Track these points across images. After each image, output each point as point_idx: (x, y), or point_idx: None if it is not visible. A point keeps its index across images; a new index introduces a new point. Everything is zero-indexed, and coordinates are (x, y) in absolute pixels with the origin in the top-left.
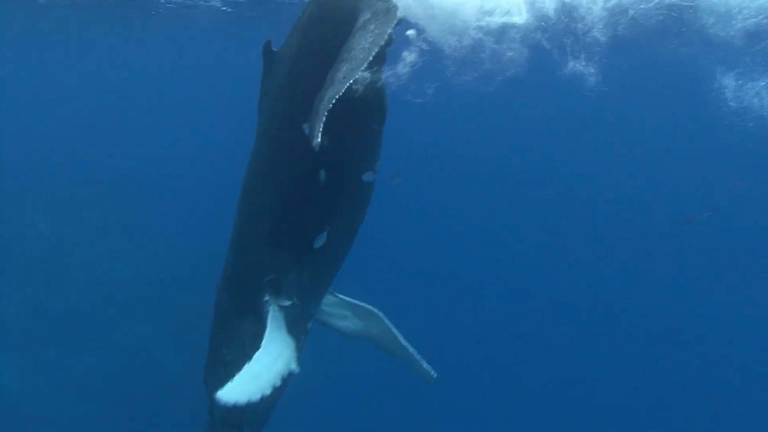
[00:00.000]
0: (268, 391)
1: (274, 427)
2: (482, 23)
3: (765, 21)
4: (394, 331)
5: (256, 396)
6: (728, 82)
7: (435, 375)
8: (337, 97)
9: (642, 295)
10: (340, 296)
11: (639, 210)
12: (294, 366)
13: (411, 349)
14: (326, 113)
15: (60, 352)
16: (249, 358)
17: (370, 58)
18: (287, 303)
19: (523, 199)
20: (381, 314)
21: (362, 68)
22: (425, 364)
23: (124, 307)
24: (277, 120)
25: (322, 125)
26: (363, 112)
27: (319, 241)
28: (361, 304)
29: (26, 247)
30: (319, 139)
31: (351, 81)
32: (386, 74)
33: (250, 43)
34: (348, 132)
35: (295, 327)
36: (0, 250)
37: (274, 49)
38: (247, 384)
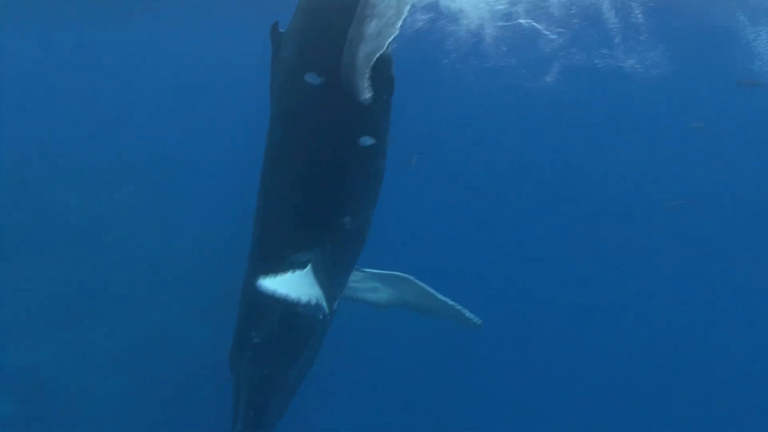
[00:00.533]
0: (303, 300)
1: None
2: None
3: None
4: (429, 290)
5: (293, 295)
6: None
7: (480, 322)
8: (378, 54)
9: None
10: (367, 270)
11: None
12: (326, 309)
13: (450, 302)
14: (367, 69)
15: (91, 329)
16: (277, 340)
17: (405, 13)
18: None
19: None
20: (411, 277)
21: (399, 23)
22: (468, 313)
23: (155, 285)
24: (288, 101)
25: (365, 81)
26: (371, 82)
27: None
28: (389, 272)
29: (58, 225)
30: (366, 95)
31: (390, 38)
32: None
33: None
34: (356, 104)
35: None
36: (32, 229)
37: (281, 30)
38: (286, 283)
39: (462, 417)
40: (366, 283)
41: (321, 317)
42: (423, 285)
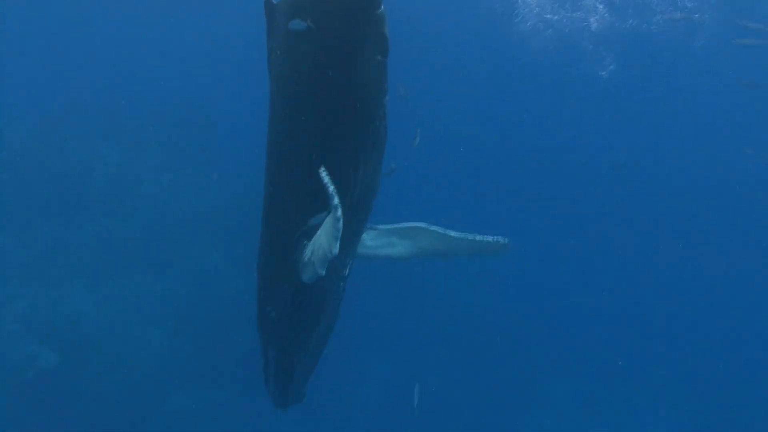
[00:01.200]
0: (317, 265)
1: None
2: None
3: None
4: (445, 231)
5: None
6: None
7: (506, 240)
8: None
9: None
10: (380, 227)
11: None
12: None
13: (470, 236)
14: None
15: (131, 280)
16: (292, 313)
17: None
18: None
19: None
20: (424, 224)
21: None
22: (492, 238)
23: (194, 236)
24: (287, 67)
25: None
26: (364, 43)
27: None
28: (402, 225)
29: (97, 179)
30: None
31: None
32: None
33: None
34: (352, 66)
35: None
36: (72, 183)
37: (274, 1)
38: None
39: None
40: (382, 240)
41: (333, 285)
42: (438, 229)
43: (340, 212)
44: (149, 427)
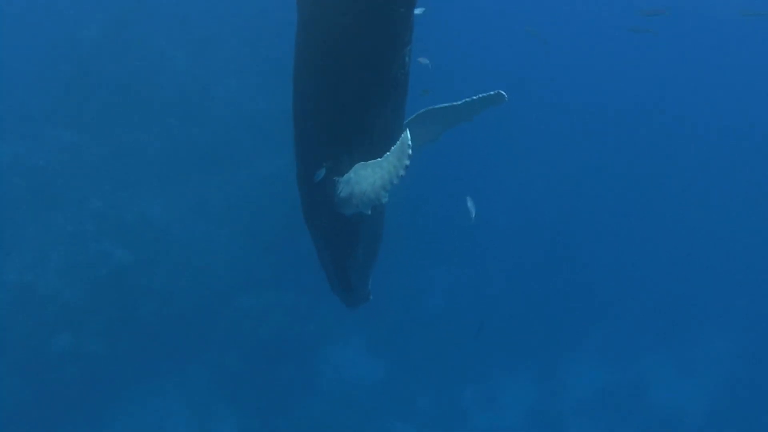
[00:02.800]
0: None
1: None
2: None
3: None
4: (443, 105)
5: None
6: None
7: (503, 93)
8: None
9: None
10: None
11: None
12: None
13: (468, 99)
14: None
15: (200, 182)
16: (331, 230)
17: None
18: None
19: None
20: (427, 109)
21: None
22: (487, 93)
23: (261, 139)
24: (313, 8)
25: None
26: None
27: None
28: (411, 118)
29: (166, 82)
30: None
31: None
32: None
33: None
34: (372, 21)
35: None
36: (142, 85)
37: None
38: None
39: None
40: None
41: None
42: (437, 107)
43: (403, 171)
44: (215, 327)
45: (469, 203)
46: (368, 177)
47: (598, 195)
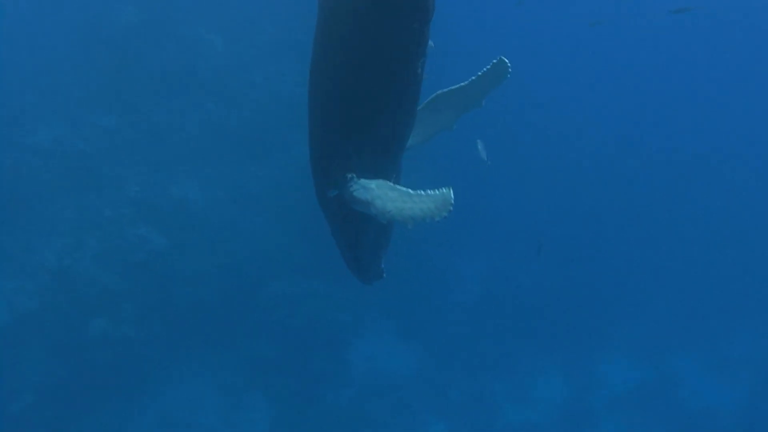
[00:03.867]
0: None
1: None
2: None
3: None
4: (453, 87)
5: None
6: None
7: (506, 60)
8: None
9: None
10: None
11: None
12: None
13: (473, 77)
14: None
15: (237, 166)
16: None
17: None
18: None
19: None
20: (436, 94)
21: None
22: (489, 65)
23: (298, 124)
24: (334, 18)
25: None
26: (404, 12)
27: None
28: (422, 105)
29: (204, 66)
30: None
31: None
32: None
33: None
34: (386, 37)
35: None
36: (182, 70)
37: None
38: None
39: None
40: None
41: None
42: (450, 88)
43: (438, 219)
44: (249, 314)
45: (480, 146)
46: (396, 200)
47: (631, 190)
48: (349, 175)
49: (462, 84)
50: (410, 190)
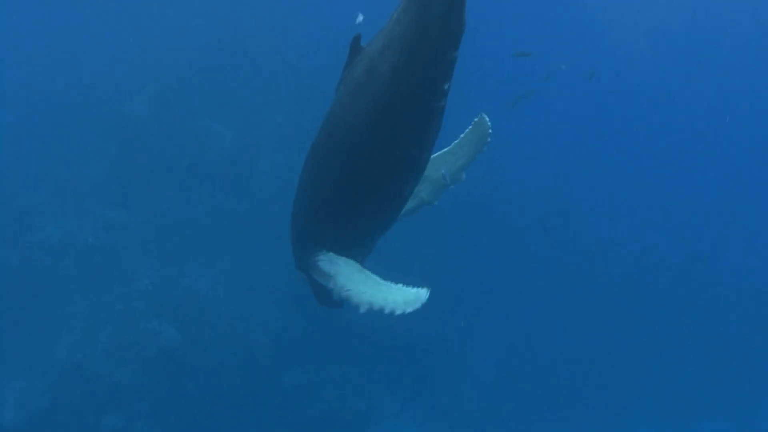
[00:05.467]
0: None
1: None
2: None
3: None
4: (450, 147)
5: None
6: None
7: (486, 117)
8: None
9: None
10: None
11: None
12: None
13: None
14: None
15: (247, 256)
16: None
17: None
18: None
19: None
20: (435, 155)
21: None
22: (470, 126)
23: None
24: (343, 112)
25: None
26: (438, 42)
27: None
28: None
29: (212, 156)
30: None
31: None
32: None
33: None
34: (418, 72)
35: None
36: (191, 161)
37: (362, 44)
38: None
39: None
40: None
41: None
42: (442, 152)
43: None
44: (265, 405)
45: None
46: (358, 282)
47: (647, 260)
48: (319, 247)
49: (442, 151)
50: (380, 279)
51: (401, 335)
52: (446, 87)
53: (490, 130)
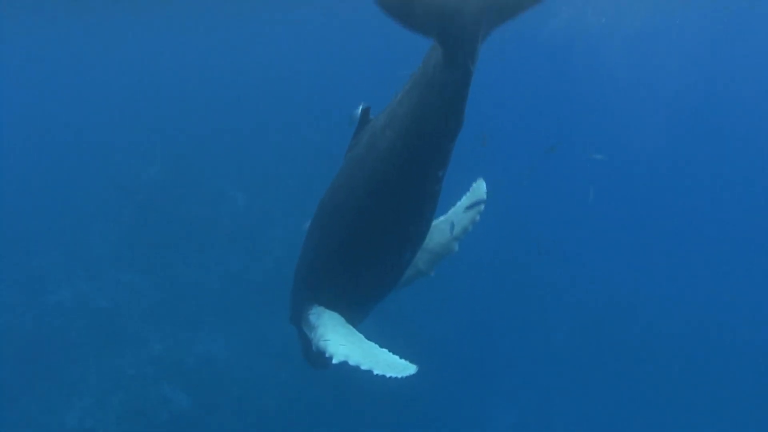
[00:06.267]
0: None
1: None
2: None
3: None
4: (436, 221)
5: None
6: None
7: (483, 184)
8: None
9: None
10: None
11: None
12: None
13: (451, 210)
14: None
15: (260, 320)
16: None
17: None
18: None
19: None
20: (437, 221)
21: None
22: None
23: None
24: (346, 180)
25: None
26: (434, 134)
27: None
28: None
29: (227, 221)
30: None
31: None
32: None
33: None
34: (415, 154)
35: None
36: (204, 225)
37: (371, 116)
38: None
39: None
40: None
41: None
42: (441, 220)
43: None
44: None
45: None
46: (341, 336)
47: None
48: (314, 303)
49: (440, 218)
50: (364, 337)
51: (416, 404)
52: (440, 174)
53: (485, 197)
